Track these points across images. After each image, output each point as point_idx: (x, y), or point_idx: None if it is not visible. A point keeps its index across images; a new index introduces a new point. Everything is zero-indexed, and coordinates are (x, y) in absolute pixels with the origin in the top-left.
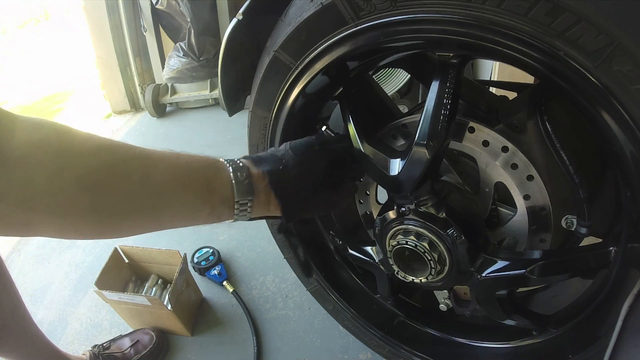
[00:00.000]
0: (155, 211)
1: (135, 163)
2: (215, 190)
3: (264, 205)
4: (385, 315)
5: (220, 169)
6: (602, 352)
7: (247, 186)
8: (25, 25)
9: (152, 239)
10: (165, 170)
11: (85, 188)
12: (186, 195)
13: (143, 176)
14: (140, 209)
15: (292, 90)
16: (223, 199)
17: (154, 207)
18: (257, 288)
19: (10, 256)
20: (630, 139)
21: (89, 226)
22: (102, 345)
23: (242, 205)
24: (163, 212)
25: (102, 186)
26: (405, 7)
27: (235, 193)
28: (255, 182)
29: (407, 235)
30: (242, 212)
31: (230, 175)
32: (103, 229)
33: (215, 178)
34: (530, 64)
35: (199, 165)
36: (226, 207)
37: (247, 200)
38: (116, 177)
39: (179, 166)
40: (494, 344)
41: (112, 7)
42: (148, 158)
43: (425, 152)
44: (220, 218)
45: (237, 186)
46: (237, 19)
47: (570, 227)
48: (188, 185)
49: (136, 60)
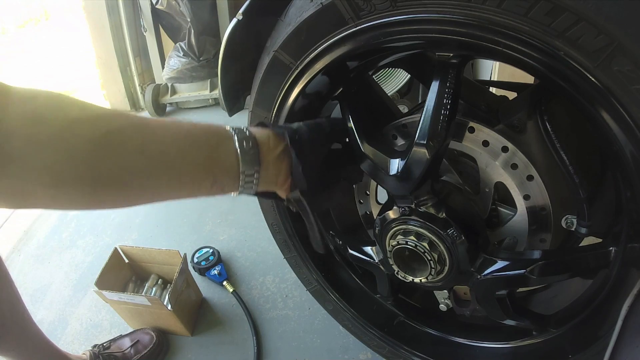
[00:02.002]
0: (154, 181)
1: (132, 131)
2: (220, 158)
3: (272, 176)
4: (385, 315)
5: (224, 137)
6: (602, 352)
7: (253, 156)
8: (25, 25)
9: (152, 239)
10: (164, 139)
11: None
12: (186, 164)
13: (140, 145)
14: (137, 179)
15: (292, 90)
16: (227, 169)
17: (151, 177)
18: (257, 288)
19: (10, 256)
20: (630, 139)
21: (83, 197)
22: (102, 345)
23: (248, 176)
24: (162, 182)
25: (97, 156)
26: (405, 7)
27: (240, 163)
28: (263, 153)
29: (407, 235)
30: (247, 183)
31: (236, 144)
32: (98, 200)
33: (220, 145)
34: (530, 64)
35: (201, 133)
36: (230, 178)
37: (253, 171)
38: (111, 147)
39: (179, 134)
40: (494, 344)
41: (112, 7)
42: (146, 126)
43: (425, 152)
44: (224, 190)
45: (243, 156)
46: (237, 19)
47: (570, 227)
48: (188, 154)
49: (136, 60)
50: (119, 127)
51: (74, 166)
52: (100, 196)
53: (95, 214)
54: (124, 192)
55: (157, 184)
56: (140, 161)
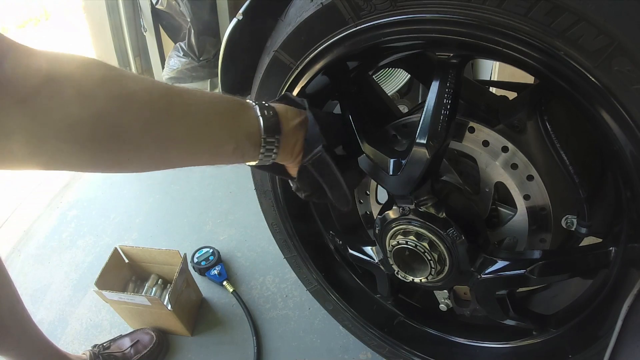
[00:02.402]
0: (178, 142)
1: (158, 93)
2: (242, 124)
3: (290, 148)
4: (385, 315)
5: (246, 106)
6: (602, 352)
7: (274, 123)
8: (25, 25)
9: (152, 239)
10: (189, 101)
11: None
12: (211, 126)
13: (166, 105)
14: (162, 139)
15: (292, 90)
16: (249, 134)
17: (176, 138)
18: (257, 288)
19: (10, 256)
20: (630, 139)
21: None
22: (102, 345)
23: (269, 143)
24: (185, 143)
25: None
26: (405, 7)
27: (262, 129)
28: (282, 121)
29: (407, 235)
30: (268, 151)
31: (257, 112)
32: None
33: (242, 112)
34: (530, 64)
35: (224, 100)
36: (252, 143)
37: (274, 138)
38: (137, 104)
39: (203, 99)
40: (494, 344)
41: (112, 7)
42: (171, 89)
43: (425, 152)
44: (245, 157)
45: (265, 122)
46: (237, 19)
47: (570, 227)
48: (213, 118)
49: (136, 60)
50: (146, 87)
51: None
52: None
53: (95, 214)
54: (147, 151)
55: (182, 146)
56: (166, 120)
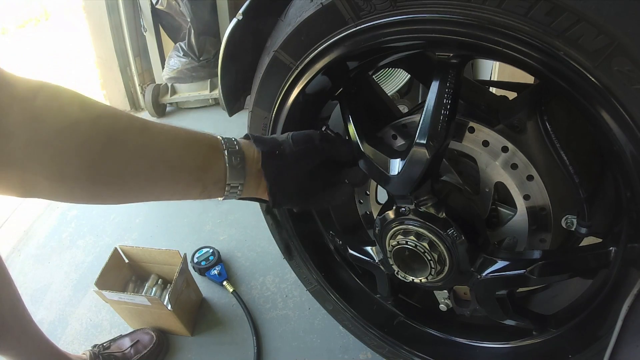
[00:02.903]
0: (150, 183)
1: (134, 133)
2: (210, 171)
3: (253, 188)
4: (385, 315)
5: (216, 150)
6: (602, 352)
7: (239, 170)
8: (25, 25)
9: (152, 239)
10: (164, 144)
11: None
12: (181, 172)
13: (141, 147)
14: (137, 180)
15: (292, 90)
16: (216, 180)
17: (148, 179)
18: (257, 288)
19: (10, 256)
20: (630, 139)
21: (83, 191)
22: (102, 345)
23: (232, 187)
24: (157, 185)
25: (100, 154)
26: (405, 7)
27: (227, 176)
28: (248, 166)
29: (407, 235)
30: (232, 193)
31: (226, 159)
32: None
33: (211, 159)
34: (530, 64)
35: (196, 143)
36: (218, 188)
37: (238, 183)
38: (114, 146)
39: (176, 142)
40: (494, 344)
41: (112, 7)
42: (148, 130)
43: (425, 152)
44: (211, 196)
45: (231, 170)
46: (237, 19)
47: (570, 227)
48: (184, 162)
49: (136, 60)
50: (123, 128)
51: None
52: (100, 192)
53: (95, 214)
54: (123, 190)
55: (153, 187)
56: (141, 164)
